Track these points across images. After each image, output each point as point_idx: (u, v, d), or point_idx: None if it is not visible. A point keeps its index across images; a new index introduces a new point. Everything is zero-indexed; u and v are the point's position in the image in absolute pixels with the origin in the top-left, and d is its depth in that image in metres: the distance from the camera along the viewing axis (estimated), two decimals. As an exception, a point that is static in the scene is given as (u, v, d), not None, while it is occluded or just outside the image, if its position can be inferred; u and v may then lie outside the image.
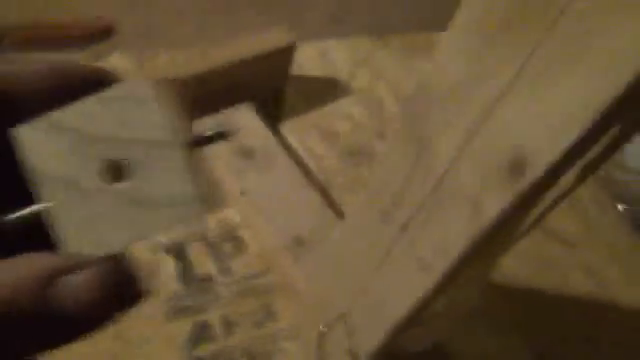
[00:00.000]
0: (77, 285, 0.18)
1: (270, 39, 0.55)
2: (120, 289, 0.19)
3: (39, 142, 0.20)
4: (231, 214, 0.50)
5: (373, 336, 0.34)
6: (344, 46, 0.69)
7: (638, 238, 0.61)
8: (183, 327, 0.43)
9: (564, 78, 0.18)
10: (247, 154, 0.51)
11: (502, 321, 0.51)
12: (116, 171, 0.20)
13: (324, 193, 0.52)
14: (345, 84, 0.65)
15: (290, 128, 0.59)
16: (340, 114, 0.62)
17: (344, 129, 0.60)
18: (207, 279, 0.46)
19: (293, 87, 0.62)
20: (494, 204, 0.22)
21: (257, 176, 0.50)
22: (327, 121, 0.60)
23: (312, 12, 0.71)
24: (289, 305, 0.46)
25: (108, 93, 0.20)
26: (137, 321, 0.43)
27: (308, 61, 0.66)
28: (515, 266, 0.56)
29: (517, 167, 0.21)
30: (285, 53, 0.56)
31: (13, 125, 0.20)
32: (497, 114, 0.21)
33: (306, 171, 0.54)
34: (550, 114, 0.19)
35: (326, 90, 0.63)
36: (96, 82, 0.21)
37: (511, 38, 0.19)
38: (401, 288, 0.30)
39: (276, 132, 0.56)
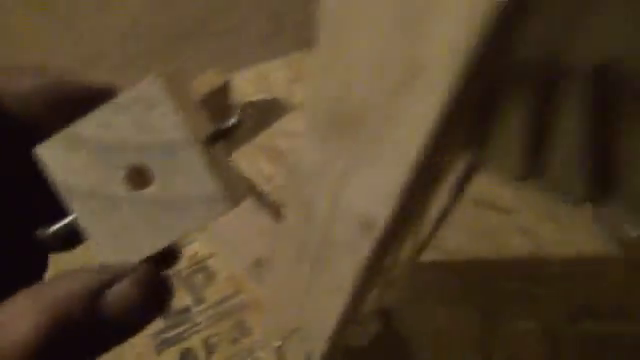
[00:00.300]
0: (120, 294, 0.19)
1: (204, 82, 0.60)
2: (157, 290, 0.20)
3: (61, 158, 0.20)
4: (199, 248, 0.57)
5: (318, 344, 0.41)
6: (279, 64, 0.74)
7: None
8: (172, 357, 0.50)
9: (374, 165, 0.25)
10: (202, 192, 0.57)
11: (451, 294, 0.58)
12: (140, 176, 0.20)
13: (277, 213, 0.58)
14: (285, 101, 0.71)
15: (240, 154, 0.65)
16: (283, 132, 0.68)
17: (289, 146, 0.66)
18: (185, 310, 0.53)
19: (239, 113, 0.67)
20: (362, 250, 0.29)
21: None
22: (272, 141, 0.66)
23: (244, 38, 0.75)
24: (260, 318, 0.53)
25: (120, 99, 0.20)
26: (131, 359, 0.50)
27: (247, 86, 0.71)
28: (457, 240, 0.62)
29: (367, 226, 0.27)
30: (222, 92, 0.62)
31: (21, 142, 0.20)
32: (345, 189, 0.27)
33: (258, 194, 0.60)
34: (374, 191, 0.26)
35: (268, 111, 0.69)
36: (99, 96, 0.21)
37: (337, 135, 0.26)
38: (325, 307, 0.37)
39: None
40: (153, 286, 0.20)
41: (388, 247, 0.29)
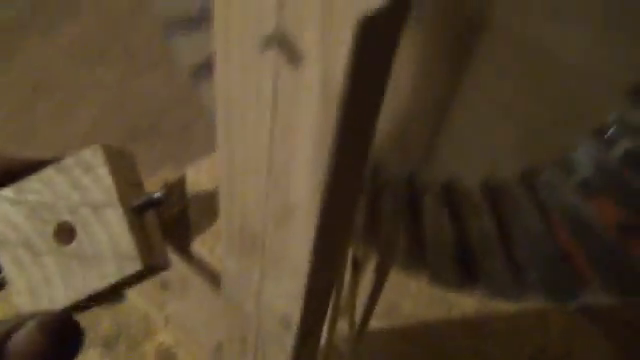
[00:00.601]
0: (24, 339, 0.19)
1: (160, 180, 0.65)
2: (63, 333, 0.20)
3: (4, 211, 0.22)
4: (164, 338, 0.60)
5: None
6: (233, 152, 0.79)
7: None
8: None
9: (279, 276, 0.29)
10: (164, 285, 0.61)
11: (406, 357, 0.62)
12: (67, 232, 0.22)
13: (236, 296, 0.62)
14: (241, 187, 0.75)
15: (200, 243, 0.69)
16: (240, 217, 0.72)
17: (245, 230, 0.71)
18: (153, 402, 0.55)
19: (195, 205, 0.72)
20: (288, 343, 0.33)
21: (177, 302, 0.60)
22: (230, 227, 0.71)
23: (196, 132, 0.80)
24: (225, 402, 0.55)
25: (64, 162, 0.22)
26: None
27: (202, 176, 0.76)
28: (411, 306, 0.66)
29: (287, 323, 0.32)
30: (178, 186, 0.67)
31: None
32: (264, 293, 0.32)
33: (218, 280, 0.64)
34: (285, 296, 0.30)
35: (225, 198, 0.73)
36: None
37: (248, 251, 0.30)
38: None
39: (187, 253, 0.66)
40: (59, 329, 0.20)
41: (312, 337, 0.33)
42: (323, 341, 0.43)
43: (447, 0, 0.21)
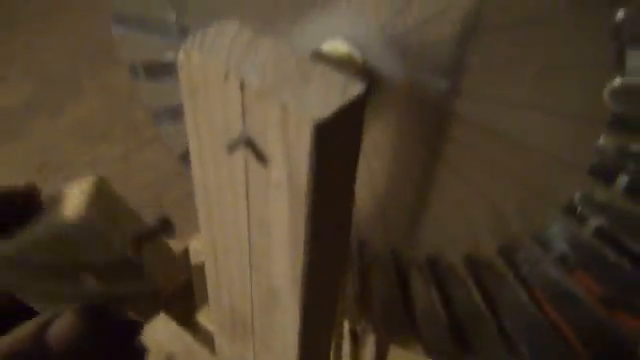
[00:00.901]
0: (61, 325, 0.21)
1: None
2: (98, 320, 0.22)
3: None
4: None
5: None
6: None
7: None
8: None
9: (277, 343, 0.29)
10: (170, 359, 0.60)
11: None
12: (85, 278, 0.24)
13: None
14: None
15: (204, 314, 0.68)
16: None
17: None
18: None
19: (198, 276, 0.72)
20: None
21: (181, 377, 0.59)
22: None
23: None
24: None
25: (55, 223, 0.23)
26: None
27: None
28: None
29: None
30: (183, 256, 0.67)
31: None
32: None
33: (225, 352, 0.63)
34: None
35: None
36: (25, 200, 0.23)
37: (239, 337, 0.30)
38: None
39: (192, 325, 0.65)
40: (95, 315, 0.21)
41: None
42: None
43: (412, 91, 0.22)
